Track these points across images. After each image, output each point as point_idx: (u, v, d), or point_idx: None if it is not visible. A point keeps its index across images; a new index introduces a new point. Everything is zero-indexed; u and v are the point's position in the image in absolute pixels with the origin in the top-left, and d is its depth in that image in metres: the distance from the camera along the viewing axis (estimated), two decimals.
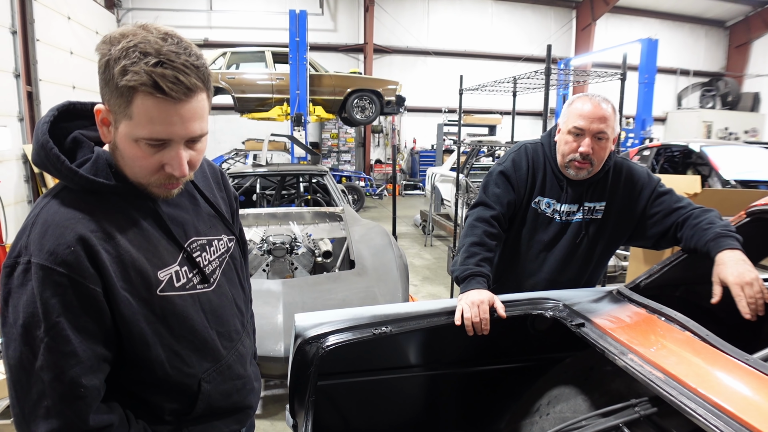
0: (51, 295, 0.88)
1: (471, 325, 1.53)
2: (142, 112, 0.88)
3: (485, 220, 1.81)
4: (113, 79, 0.87)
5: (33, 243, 0.90)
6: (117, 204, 0.98)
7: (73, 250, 0.90)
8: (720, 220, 1.71)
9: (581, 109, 1.73)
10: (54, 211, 0.93)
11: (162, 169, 0.95)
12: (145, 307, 0.98)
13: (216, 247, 1.16)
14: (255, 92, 9.60)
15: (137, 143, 0.92)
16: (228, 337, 1.16)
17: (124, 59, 0.86)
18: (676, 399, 1.07)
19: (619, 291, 1.72)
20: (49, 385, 0.89)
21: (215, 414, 1.15)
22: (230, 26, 12.69)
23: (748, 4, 14.82)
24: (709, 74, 16.08)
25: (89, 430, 0.93)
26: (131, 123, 0.90)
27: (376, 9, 13.45)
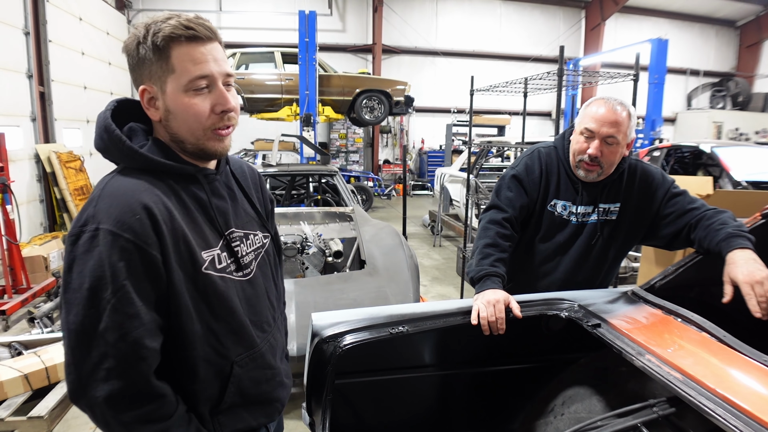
0: (118, 259, 0.94)
1: (487, 325, 1.54)
2: (181, 58, 1.00)
3: (497, 222, 1.82)
4: (148, 48, 0.99)
5: (100, 212, 0.96)
6: (170, 185, 1.06)
7: (139, 218, 0.96)
8: (733, 221, 1.71)
9: (595, 112, 1.74)
10: (119, 184, 1.00)
11: (213, 111, 1.04)
12: (190, 282, 1.04)
13: (252, 241, 1.21)
14: (264, 93, 9.65)
15: (186, 94, 1.02)
16: (260, 327, 1.21)
17: (151, 29, 0.99)
18: (695, 399, 1.08)
19: (634, 292, 1.73)
20: (113, 346, 0.93)
21: (245, 403, 1.17)
22: (240, 27, 12.76)
23: (759, 4, 14.68)
24: (720, 74, 15.95)
25: (149, 392, 0.98)
26: (175, 75, 1.01)
27: (385, 9, 13.47)
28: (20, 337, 3.65)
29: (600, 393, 1.65)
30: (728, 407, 1.04)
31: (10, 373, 2.99)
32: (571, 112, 13.18)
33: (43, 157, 7.38)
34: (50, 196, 7.59)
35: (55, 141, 7.97)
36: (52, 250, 5.45)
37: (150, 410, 0.98)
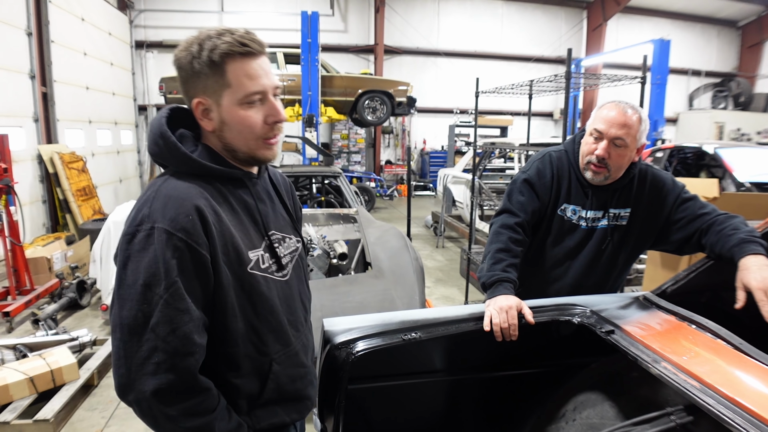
0: (171, 257, 0.99)
1: (500, 331, 1.54)
2: (237, 73, 1.05)
3: (510, 226, 1.81)
4: (204, 63, 1.05)
5: (156, 212, 1.01)
6: (218, 188, 1.12)
7: (191, 219, 1.02)
8: (745, 226, 1.71)
9: (606, 115, 1.74)
10: (173, 187, 1.06)
11: (265, 122, 1.11)
12: (236, 281, 1.10)
13: (288, 244, 1.27)
14: None
15: (241, 107, 1.08)
16: (295, 326, 1.26)
17: (206, 44, 1.05)
18: (713, 408, 1.07)
19: (646, 297, 1.72)
20: (163, 340, 0.98)
21: (281, 399, 1.21)
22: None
23: (761, 4, 14.65)
24: (721, 75, 15.94)
25: (196, 386, 1.02)
26: (231, 89, 1.07)
27: (387, 10, 13.46)
28: (25, 339, 3.65)
29: (612, 398, 1.64)
30: (747, 416, 1.03)
31: (15, 376, 2.99)
32: (573, 113, 13.17)
33: (46, 158, 7.38)
34: (53, 196, 7.59)
35: (57, 142, 7.97)
36: (55, 251, 5.45)
37: (195, 403, 1.03)
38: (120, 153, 10.90)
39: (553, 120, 15.36)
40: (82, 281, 4.90)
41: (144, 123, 12.44)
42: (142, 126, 12.43)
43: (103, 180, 9.47)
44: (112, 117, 10.48)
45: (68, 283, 4.84)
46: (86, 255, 5.80)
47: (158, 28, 12.37)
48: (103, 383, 3.45)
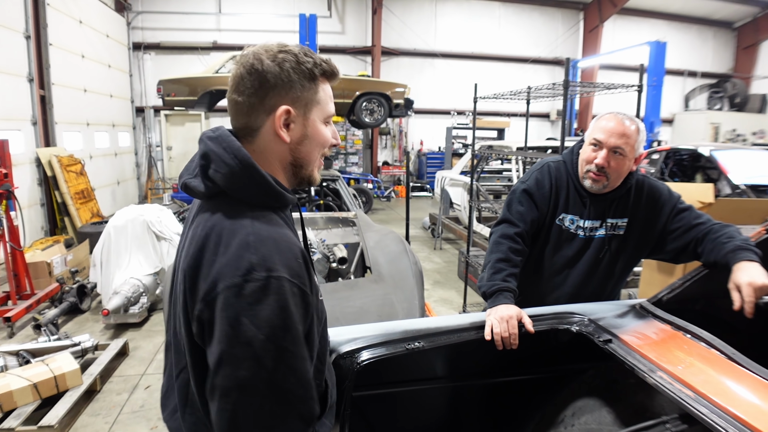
0: (292, 305, 0.92)
1: (500, 341, 1.57)
2: (325, 94, 1.08)
3: (509, 236, 1.85)
4: (300, 75, 1.02)
5: (268, 259, 0.91)
6: (283, 218, 1.06)
7: (300, 263, 0.96)
8: (739, 235, 1.76)
9: (605, 125, 1.79)
10: (269, 228, 0.97)
11: (330, 143, 1.12)
12: (318, 310, 1.09)
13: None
14: None
15: (323, 123, 1.09)
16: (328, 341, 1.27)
17: (303, 58, 1.03)
18: (707, 417, 1.11)
19: (642, 306, 1.76)
20: (289, 392, 0.91)
21: (327, 410, 1.18)
22: (239, 29, 12.76)
23: (757, 6, 14.75)
24: (717, 76, 16.03)
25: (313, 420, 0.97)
26: (320, 106, 1.07)
27: (384, 11, 13.49)
28: (27, 345, 3.67)
29: (609, 405, 1.69)
30: (739, 425, 1.07)
31: (19, 383, 3.01)
32: (570, 114, 13.24)
33: (44, 161, 7.39)
34: (51, 199, 7.60)
35: (55, 144, 7.98)
36: (55, 255, 5.46)
37: None
38: (118, 155, 10.91)
39: (549, 121, 15.43)
40: (83, 285, 4.92)
41: (141, 125, 12.44)
42: (140, 128, 12.44)
43: (101, 182, 9.48)
44: (109, 119, 10.49)
45: (68, 288, 4.86)
46: (86, 259, 5.82)
47: (155, 29, 12.37)
48: (105, 388, 3.47)
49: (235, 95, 1.03)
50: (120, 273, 4.70)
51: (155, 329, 4.52)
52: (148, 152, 12.42)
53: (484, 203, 5.44)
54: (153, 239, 4.94)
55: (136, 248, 4.83)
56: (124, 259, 4.77)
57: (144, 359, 3.92)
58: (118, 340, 4.00)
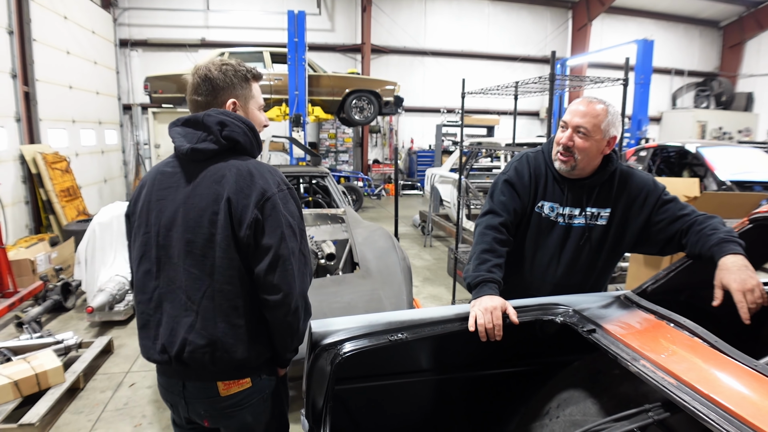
0: (297, 203, 1.52)
1: (484, 332, 1.56)
2: (257, 91, 1.60)
3: (494, 227, 1.84)
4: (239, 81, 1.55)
5: (282, 179, 1.49)
6: None
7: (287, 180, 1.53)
8: (723, 226, 1.75)
9: (572, 107, 1.84)
10: (268, 165, 1.53)
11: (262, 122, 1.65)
12: None
13: None
14: None
15: (258, 110, 1.61)
16: None
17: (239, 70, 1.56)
18: (689, 404, 1.11)
19: (627, 296, 1.76)
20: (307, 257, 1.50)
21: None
22: (227, 26, 12.67)
23: (742, 5, 14.92)
24: (704, 74, 16.19)
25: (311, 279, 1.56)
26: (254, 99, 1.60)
27: (374, 9, 13.46)
28: (9, 342, 3.61)
29: (594, 396, 1.68)
30: (721, 411, 1.07)
31: None
32: (558, 112, 13.29)
33: (29, 158, 7.27)
34: (35, 197, 7.48)
35: (40, 142, 7.86)
36: (39, 253, 5.38)
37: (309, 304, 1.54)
38: (104, 153, 10.77)
39: (539, 119, 15.49)
40: (67, 283, 4.85)
41: (129, 122, 12.31)
42: (127, 125, 12.30)
43: (87, 180, 9.35)
44: (96, 116, 10.35)
45: (53, 286, 4.79)
46: (71, 257, 5.74)
47: (142, 26, 12.24)
48: (88, 386, 3.42)
49: (195, 96, 1.52)
50: (105, 270, 4.64)
51: None
52: (135, 150, 12.29)
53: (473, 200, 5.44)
54: None
55: (122, 245, 4.77)
56: (109, 256, 4.71)
57: (129, 357, 3.87)
58: (103, 337, 3.95)
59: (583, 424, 1.62)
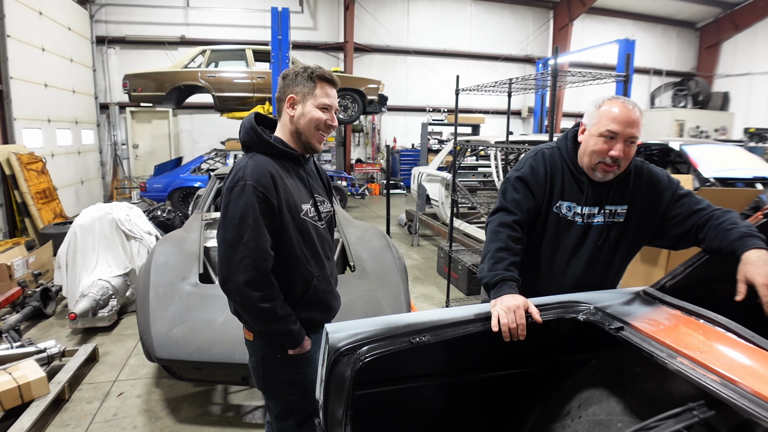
0: (255, 201, 1.62)
1: (508, 332, 1.50)
2: (321, 89, 1.74)
3: (508, 225, 1.78)
4: (304, 78, 1.74)
5: (248, 175, 1.64)
6: (283, 164, 1.76)
7: (268, 180, 1.65)
8: (741, 221, 1.72)
9: (616, 114, 1.72)
10: (258, 160, 1.70)
11: (325, 122, 1.76)
12: (293, 222, 1.73)
13: (325, 205, 1.92)
14: (235, 91, 9.43)
15: (318, 108, 1.74)
16: (326, 257, 1.90)
17: (309, 69, 1.75)
18: (737, 401, 1.06)
19: (647, 292, 1.72)
20: (250, 251, 1.62)
21: (315, 303, 1.84)
22: (208, 23, 12.43)
23: (718, 7, 15.26)
24: (681, 74, 16.51)
25: (268, 281, 1.67)
26: (315, 97, 1.74)
27: (357, 8, 13.37)
28: None
29: (616, 394, 1.64)
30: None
31: None
32: (540, 111, 13.39)
33: (2, 159, 7.00)
34: (10, 200, 7.20)
35: (14, 142, 7.58)
36: (16, 258, 5.15)
37: (268, 292, 1.67)
38: (81, 153, 10.46)
39: (521, 118, 15.59)
40: (47, 289, 4.66)
41: (106, 122, 11.98)
42: (104, 125, 11.97)
43: (63, 182, 9.06)
44: (72, 116, 10.04)
45: (31, 291, 4.59)
46: (49, 261, 5.53)
47: (120, 23, 11.92)
48: (74, 397, 3.27)
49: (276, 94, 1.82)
50: (87, 275, 4.46)
51: (126, 333, 4.31)
52: (113, 150, 11.97)
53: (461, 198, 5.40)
54: (122, 238, 4.71)
55: (104, 248, 4.60)
56: (91, 259, 4.54)
57: (115, 365, 3.72)
58: (87, 345, 3.79)
59: (608, 424, 1.58)
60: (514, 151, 4.26)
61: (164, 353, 2.69)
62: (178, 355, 2.68)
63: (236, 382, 3.02)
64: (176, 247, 3.67)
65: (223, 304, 3.01)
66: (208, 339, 2.74)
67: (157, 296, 3.04)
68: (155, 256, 3.44)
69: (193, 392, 3.32)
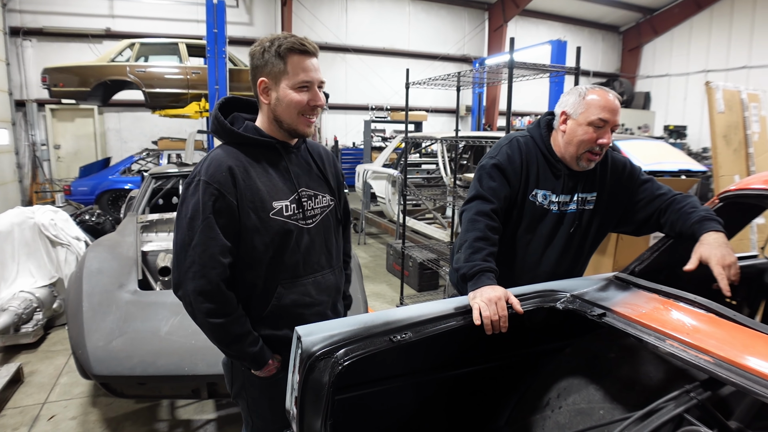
0: (207, 200, 1.41)
1: (490, 324, 1.44)
2: (294, 65, 1.44)
3: (486, 213, 1.73)
4: (271, 55, 1.44)
5: (203, 169, 1.45)
6: (256, 155, 1.52)
7: (224, 175, 1.43)
8: (700, 205, 1.78)
9: (605, 102, 1.73)
10: (217, 153, 1.49)
11: (308, 104, 1.48)
12: (260, 222, 1.47)
13: (320, 200, 1.63)
14: (168, 87, 8.91)
15: (294, 90, 1.45)
16: (310, 265, 1.59)
17: (276, 42, 1.44)
18: (735, 380, 1.05)
19: (619, 278, 1.72)
20: (198, 256, 1.41)
21: (281, 315, 1.56)
22: (136, 16, 11.69)
23: (639, 12, 16.27)
24: (607, 75, 17.46)
25: (218, 292, 1.43)
26: (288, 76, 1.45)
27: (294, 4, 13.08)
28: None
29: (595, 381, 1.62)
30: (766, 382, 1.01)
31: None
32: (477, 109, 13.70)
33: None
34: None
35: None
36: None
37: (217, 307, 1.44)
38: None
39: (459, 116, 15.87)
40: None
41: (23, 120, 10.99)
42: (21, 124, 10.98)
43: None
44: None
45: None
46: None
47: (37, 13, 10.94)
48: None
49: None
50: (6, 287, 4.02)
51: (55, 349, 3.92)
52: (31, 151, 10.99)
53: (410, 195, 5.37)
54: (47, 245, 4.29)
55: (26, 256, 4.17)
56: (10, 270, 4.09)
57: (44, 385, 3.36)
58: (9, 365, 3.40)
59: (589, 412, 1.55)
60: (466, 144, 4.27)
61: (102, 369, 2.44)
62: (118, 370, 2.44)
63: (185, 396, 2.79)
64: (110, 253, 3.38)
65: (167, 312, 2.79)
66: (153, 350, 2.51)
67: (92, 306, 2.76)
68: (87, 263, 3.14)
69: (136, 409, 3.05)
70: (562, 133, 1.81)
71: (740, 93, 4.56)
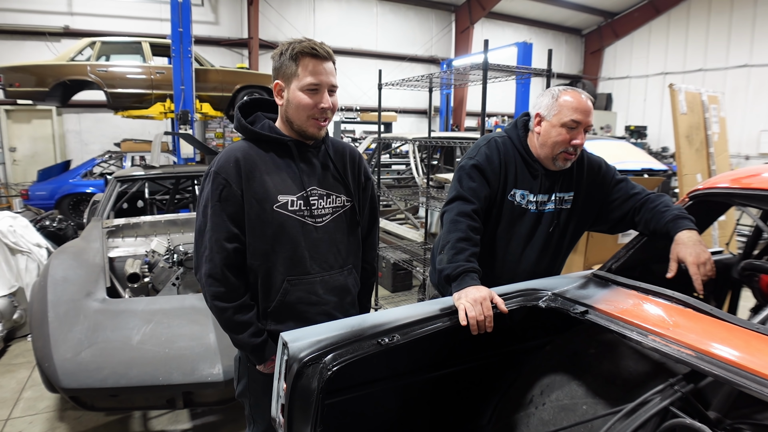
0: (215, 189, 1.52)
1: (476, 324, 1.45)
2: (304, 68, 1.50)
3: (467, 214, 1.74)
4: (286, 58, 1.51)
5: (216, 161, 1.56)
6: (269, 151, 1.59)
7: (231, 166, 1.53)
8: (673, 204, 1.84)
9: (577, 104, 1.76)
10: (231, 147, 1.59)
11: (316, 106, 1.53)
12: (263, 212, 1.54)
13: (333, 200, 1.65)
14: (131, 87, 8.63)
15: (302, 92, 1.51)
16: (319, 263, 1.62)
17: (291, 45, 1.51)
18: (717, 373, 1.08)
19: (597, 275, 1.76)
20: (209, 241, 1.52)
21: (290, 315, 1.60)
22: (96, 14, 11.28)
23: (600, 16, 16.76)
24: (570, 77, 17.89)
25: (222, 277, 1.52)
26: (298, 78, 1.51)
27: (261, 3, 12.90)
28: None
29: (577, 377, 1.65)
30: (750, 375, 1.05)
31: None
32: (445, 109, 13.83)
33: None
34: None
35: None
36: None
37: (222, 292, 1.52)
38: None
39: (427, 117, 15.97)
40: None
41: None
42: None
43: None
44: None
45: None
46: None
47: None
48: None
49: None
50: None
51: (16, 362, 3.74)
52: None
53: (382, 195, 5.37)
54: (5, 253, 4.10)
55: None
56: None
57: (6, 401, 3.20)
58: None
59: (573, 408, 1.58)
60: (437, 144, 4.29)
61: (71, 382, 2.34)
62: (88, 382, 2.34)
63: (159, 406, 2.71)
64: (76, 260, 3.25)
65: (138, 320, 2.70)
66: (125, 361, 2.43)
67: (58, 317, 2.65)
68: (51, 271, 3.02)
69: (106, 422, 2.94)
70: (537, 134, 1.84)
71: (701, 95, 4.75)
